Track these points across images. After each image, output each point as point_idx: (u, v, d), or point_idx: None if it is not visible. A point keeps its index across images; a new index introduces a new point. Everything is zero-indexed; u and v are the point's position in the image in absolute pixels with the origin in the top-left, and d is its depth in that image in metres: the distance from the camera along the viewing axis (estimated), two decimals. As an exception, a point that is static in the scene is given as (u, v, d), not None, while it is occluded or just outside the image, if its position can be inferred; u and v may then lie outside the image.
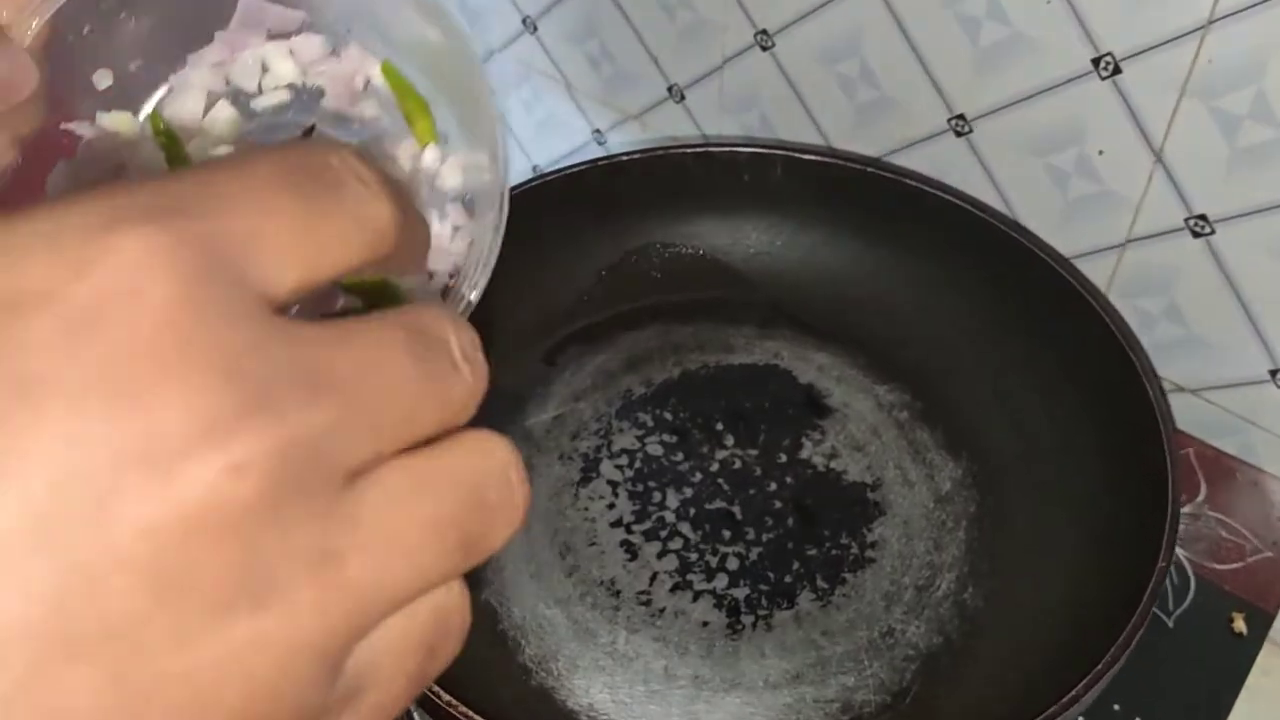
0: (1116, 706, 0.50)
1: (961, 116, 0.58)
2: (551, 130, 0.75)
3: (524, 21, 0.71)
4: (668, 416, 0.58)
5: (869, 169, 0.59)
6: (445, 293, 0.29)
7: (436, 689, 0.41)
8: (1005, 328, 0.58)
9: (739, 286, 0.63)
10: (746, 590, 0.51)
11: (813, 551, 0.53)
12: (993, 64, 0.55)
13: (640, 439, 0.57)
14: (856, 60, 0.60)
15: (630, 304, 0.62)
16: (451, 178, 0.31)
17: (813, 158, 0.59)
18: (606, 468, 0.56)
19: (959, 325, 0.59)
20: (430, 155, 0.31)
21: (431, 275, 0.30)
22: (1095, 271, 0.58)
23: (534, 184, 0.60)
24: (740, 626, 0.50)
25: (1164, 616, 0.54)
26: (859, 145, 0.63)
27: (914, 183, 0.58)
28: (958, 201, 0.57)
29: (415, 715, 0.49)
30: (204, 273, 0.17)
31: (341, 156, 0.19)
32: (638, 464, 0.56)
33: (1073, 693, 0.42)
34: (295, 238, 0.18)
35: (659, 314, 0.62)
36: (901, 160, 0.62)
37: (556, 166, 0.73)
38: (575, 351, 0.61)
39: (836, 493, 0.55)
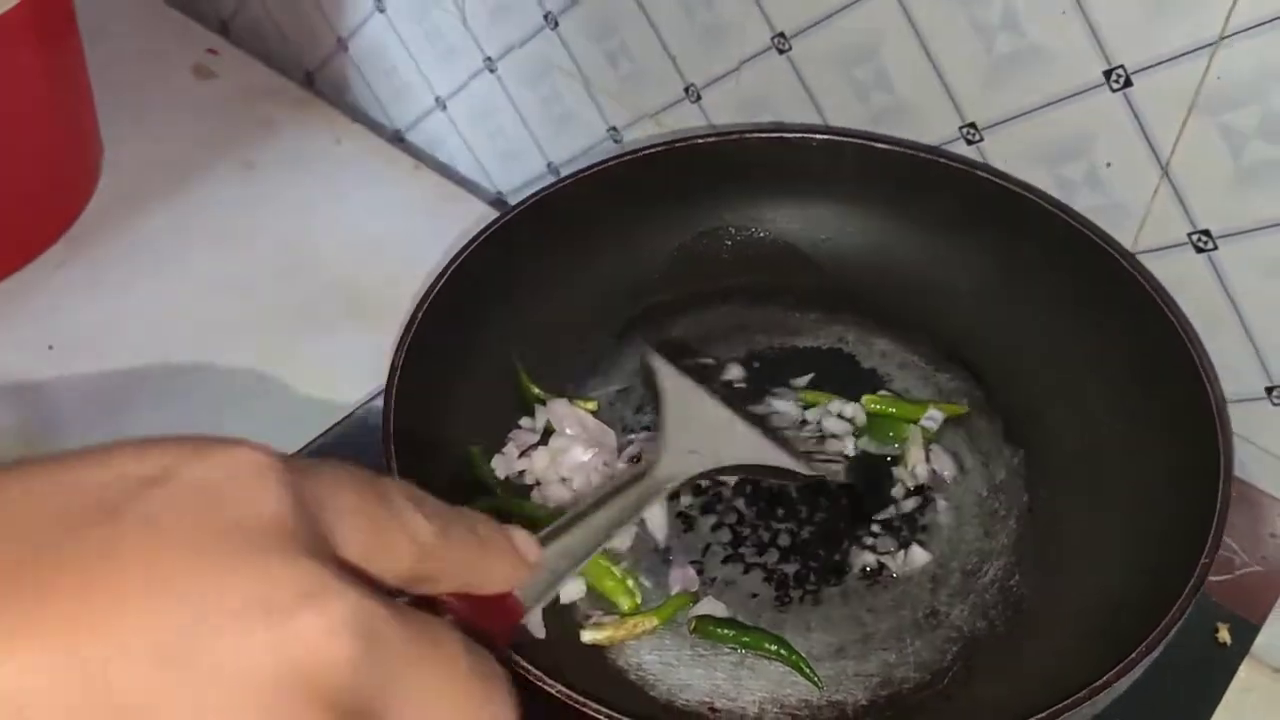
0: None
1: (973, 125, 0.58)
2: (568, 127, 0.75)
3: (545, 17, 0.71)
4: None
5: (939, 159, 0.59)
6: None
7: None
8: (1071, 321, 0.58)
9: (807, 271, 0.63)
10: (796, 566, 0.53)
11: (862, 532, 0.54)
12: (1006, 73, 0.55)
13: (702, 416, 0.58)
14: (872, 65, 0.60)
15: (700, 285, 0.63)
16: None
17: (884, 146, 0.60)
18: (667, 442, 0.57)
19: (1023, 317, 0.59)
20: None
21: None
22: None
23: (609, 165, 0.60)
24: (788, 600, 0.52)
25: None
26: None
27: (983, 174, 0.58)
28: (1025, 194, 0.57)
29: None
30: (302, 503, 0.24)
31: (400, 486, 0.27)
32: (698, 439, 0.57)
33: (1104, 678, 0.42)
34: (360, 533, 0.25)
35: (728, 296, 0.63)
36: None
37: (573, 161, 0.74)
38: (645, 328, 0.62)
39: (891, 477, 0.56)
